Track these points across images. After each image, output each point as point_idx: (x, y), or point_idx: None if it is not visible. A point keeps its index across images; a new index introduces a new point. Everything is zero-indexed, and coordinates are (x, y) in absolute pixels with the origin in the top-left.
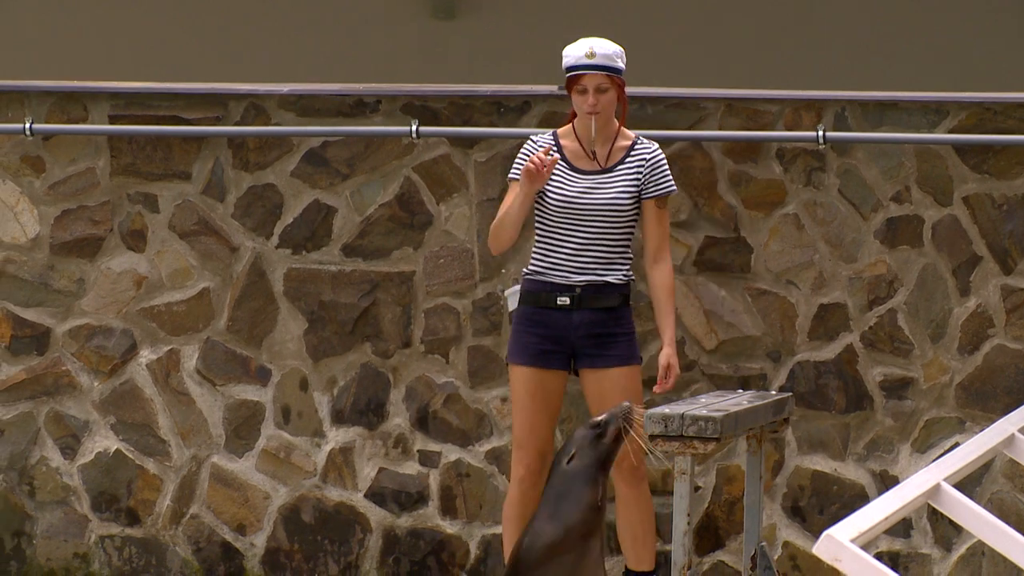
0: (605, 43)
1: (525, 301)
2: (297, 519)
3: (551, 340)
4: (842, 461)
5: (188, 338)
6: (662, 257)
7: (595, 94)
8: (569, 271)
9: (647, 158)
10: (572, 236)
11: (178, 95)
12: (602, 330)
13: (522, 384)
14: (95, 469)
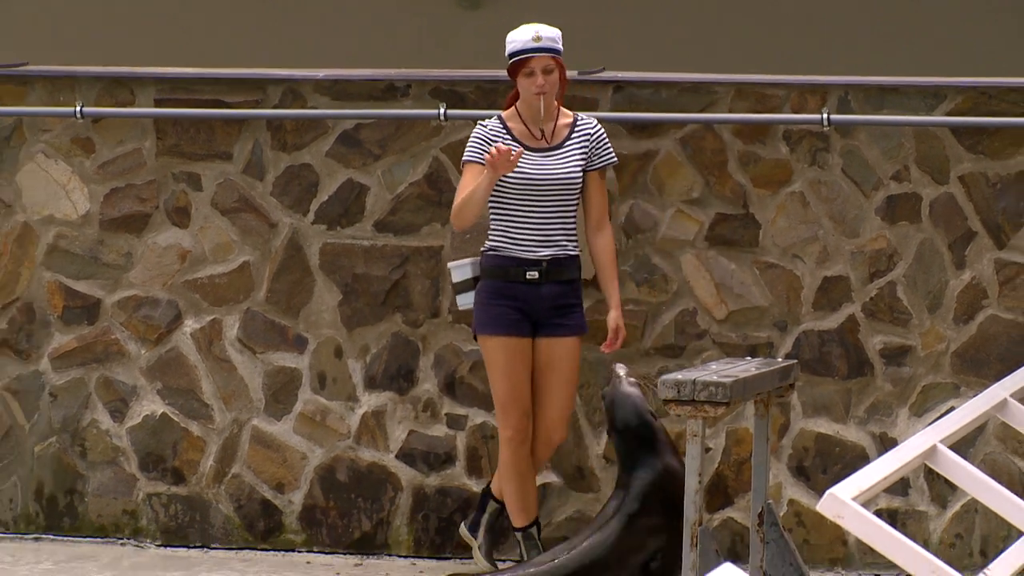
0: (548, 28)
1: (492, 276)
2: (332, 478)
3: (519, 311)
4: (844, 424)
5: (229, 308)
6: (604, 224)
7: (543, 75)
8: (534, 246)
9: (591, 133)
10: (533, 212)
11: (220, 80)
12: (564, 301)
13: (502, 352)
14: (142, 431)
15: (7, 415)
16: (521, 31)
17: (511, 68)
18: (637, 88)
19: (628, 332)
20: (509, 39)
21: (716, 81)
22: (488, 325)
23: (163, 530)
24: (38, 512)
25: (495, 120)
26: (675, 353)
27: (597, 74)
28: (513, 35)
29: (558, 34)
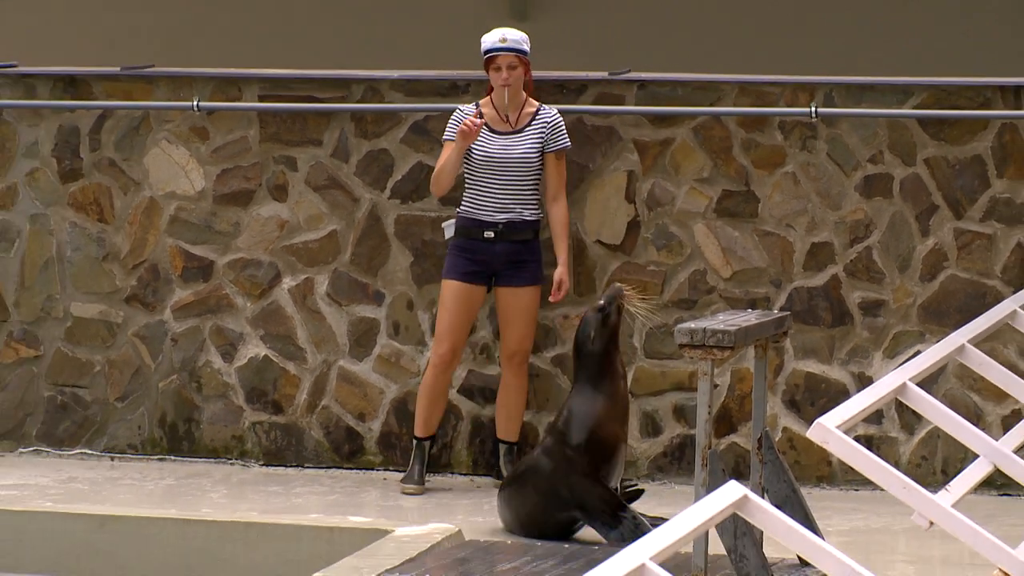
0: (515, 32)
1: (459, 234)
2: (405, 409)
3: (477, 263)
4: (829, 365)
5: (320, 269)
6: (559, 197)
7: (507, 70)
8: (493, 211)
9: (548, 121)
10: (494, 183)
11: (312, 79)
12: (517, 257)
13: (452, 294)
14: (248, 370)
15: (136, 357)
16: (492, 34)
17: (485, 64)
18: (657, 86)
19: (649, 291)
20: (483, 40)
21: (723, 80)
22: (448, 271)
23: (264, 452)
24: (161, 437)
25: (472, 106)
26: (688, 306)
27: (624, 74)
28: (486, 37)
29: (524, 37)
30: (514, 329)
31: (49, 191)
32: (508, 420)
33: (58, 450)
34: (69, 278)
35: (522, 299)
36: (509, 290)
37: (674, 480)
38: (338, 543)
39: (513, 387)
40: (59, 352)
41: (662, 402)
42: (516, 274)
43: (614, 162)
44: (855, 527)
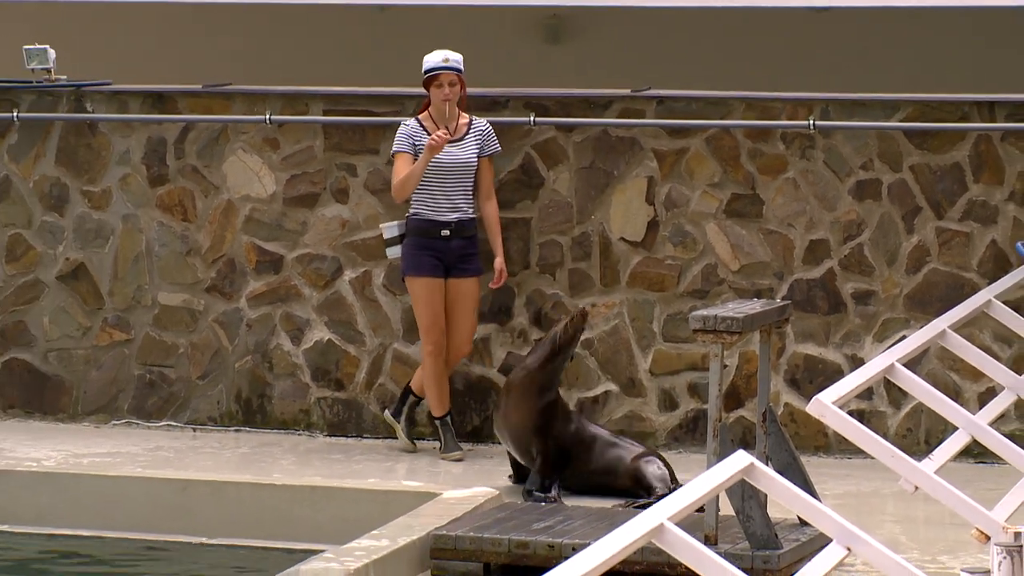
0: (454, 54)
1: (416, 233)
2: (451, 387)
3: (436, 259)
4: (825, 347)
5: (377, 263)
6: (492, 196)
7: (448, 87)
8: (446, 210)
9: (482, 130)
10: (444, 186)
11: (370, 96)
12: (465, 251)
13: (427, 289)
14: (314, 352)
15: (215, 340)
16: (434, 55)
17: (426, 82)
18: (674, 101)
19: (667, 282)
20: (424, 61)
21: (731, 97)
22: (416, 269)
23: (328, 424)
24: (237, 411)
25: (414, 121)
26: (701, 296)
27: (645, 91)
28: (428, 58)
29: (461, 58)
30: (463, 316)
31: (139, 194)
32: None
33: (146, 422)
34: (156, 271)
35: (470, 288)
36: (458, 282)
37: (689, 449)
38: (392, 505)
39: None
40: (148, 336)
41: (678, 380)
42: (465, 266)
43: (636, 169)
44: (848, 491)
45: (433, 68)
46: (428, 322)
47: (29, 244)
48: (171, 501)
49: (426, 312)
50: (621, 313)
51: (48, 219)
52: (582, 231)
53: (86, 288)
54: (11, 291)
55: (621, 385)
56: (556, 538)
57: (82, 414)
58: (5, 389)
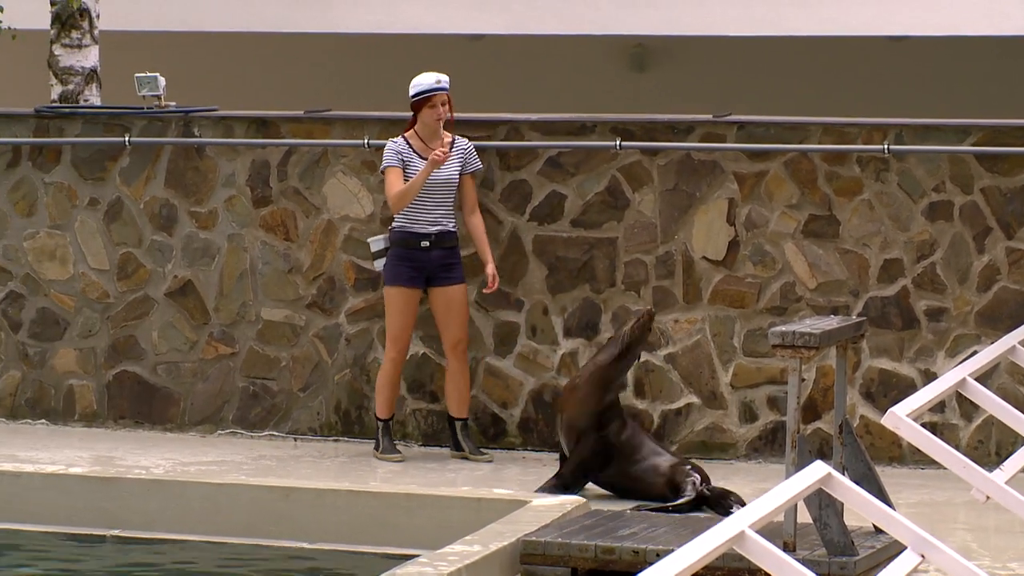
0: (443, 75)
1: (398, 245)
2: (541, 399)
3: (416, 270)
4: (899, 362)
5: (470, 280)
6: (476, 210)
7: (441, 107)
8: (427, 224)
9: (465, 148)
10: (426, 201)
11: (463, 121)
12: (446, 261)
13: (401, 299)
14: (410, 365)
15: (316, 354)
16: (426, 77)
17: (418, 103)
18: (754, 126)
19: (747, 299)
20: (417, 83)
21: (809, 122)
22: (393, 279)
23: (423, 435)
24: (336, 421)
25: (401, 140)
26: (780, 312)
27: (726, 117)
28: (420, 80)
29: (448, 79)
30: (453, 322)
31: (244, 215)
32: (459, 402)
33: (250, 432)
34: (260, 287)
35: (456, 295)
36: (443, 289)
37: (768, 460)
38: (484, 511)
39: (458, 372)
40: (251, 350)
41: (758, 393)
42: (447, 275)
43: (717, 191)
44: (922, 500)
45: (429, 89)
46: (397, 331)
47: (140, 262)
48: (274, 507)
49: (396, 321)
50: (703, 329)
51: (157, 238)
52: (666, 250)
53: (193, 304)
54: (122, 307)
55: (703, 398)
56: (641, 544)
57: (189, 424)
58: (116, 400)
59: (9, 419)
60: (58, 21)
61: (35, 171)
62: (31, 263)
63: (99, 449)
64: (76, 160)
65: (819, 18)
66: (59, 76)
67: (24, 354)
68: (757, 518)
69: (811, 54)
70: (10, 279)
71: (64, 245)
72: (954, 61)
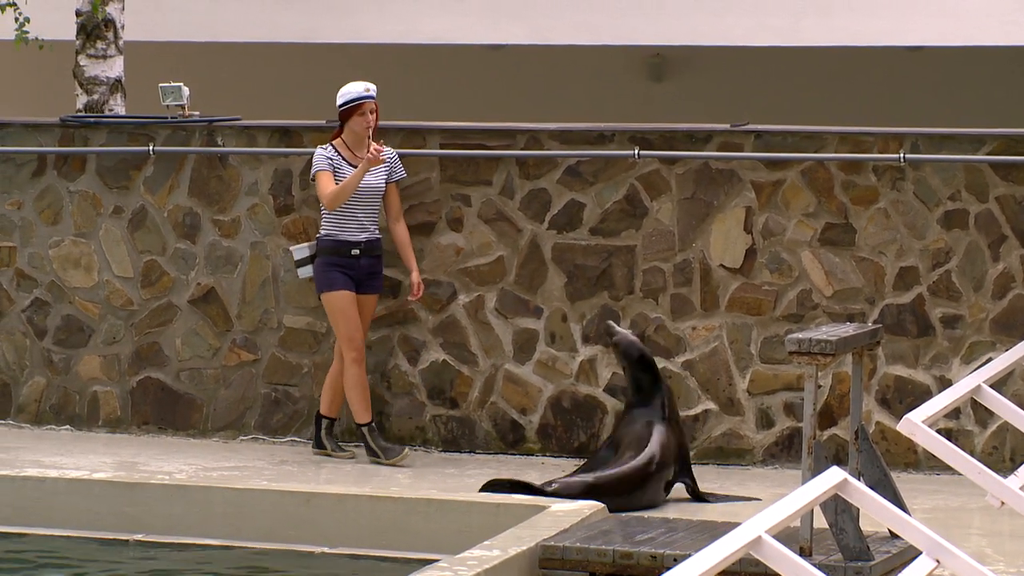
0: (371, 84)
1: (329, 252)
2: (560, 405)
3: (347, 276)
4: (915, 369)
5: (489, 288)
6: (400, 218)
7: (370, 114)
8: (356, 231)
9: (390, 158)
10: (355, 209)
11: (483, 130)
12: (373, 269)
13: (344, 302)
14: (429, 372)
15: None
16: (355, 86)
17: (347, 111)
18: (771, 135)
19: (764, 307)
20: (346, 91)
21: (826, 131)
22: (330, 285)
23: (443, 440)
24: (356, 428)
25: (329, 147)
26: (797, 319)
27: (743, 126)
28: (349, 88)
29: (376, 88)
30: (364, 327)
31: (266, 223)
32: (334, 400)
33: (272, 438)
34: (282, 295)
35: (372, 304)
36: (365, 297)
37: (784, 465)
38: (503, 517)
39: (348, 375)
40: (274, 356)
41: (774, 400)
42: (371, 283)
43: (734, 199)
44: (936, 506)
45: (359, 97)
46: (349, 333)
47: (163, 270)
48: (295, 512)
49: (345, 324)
50: (720, 336)
51: (181, 246)
52: (683, 258)
53: (216, 311)
54: (146, 314)
55: (720, 404)
56: (659, 549)
57: (211, 430)
58: (140, 406)
59: (34, 425)
60: (83, 32)
61: (60, 180)
62: (56, 271)
63: (123, 455)
64: (101, 169)
65: (836, 28)
66: (84, 86)
67: (49, 361)
68: (774, 523)
69: (828, 64)
70: (35, 287)
71: (89, 253)
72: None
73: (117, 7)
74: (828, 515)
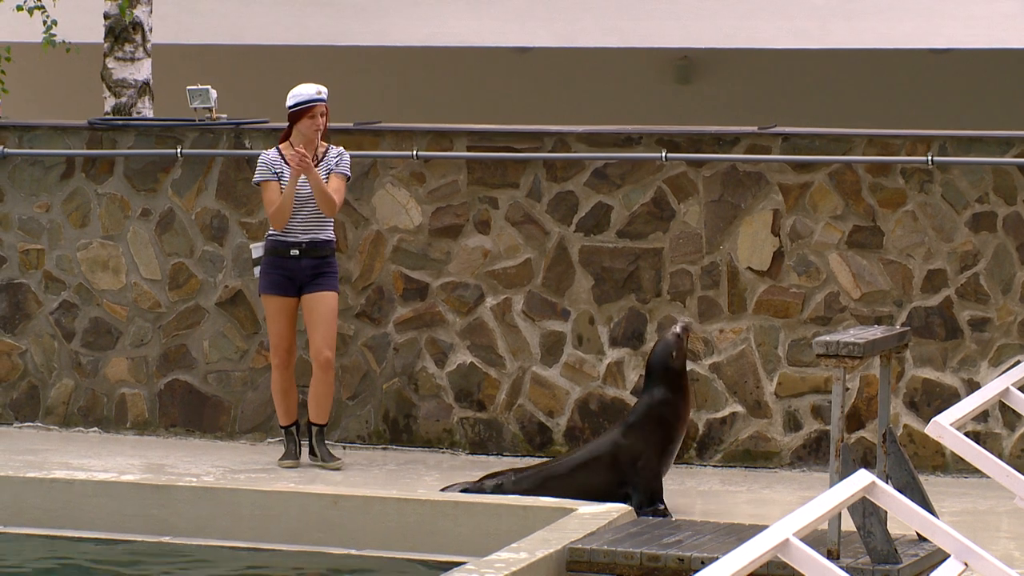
0: (323, 87)
1: (270, 253)
2: (587, 408)
3: (287, 278)
4: (943, 372)
5: (517, 290)
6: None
7: (320, 117)
8: (297, 232)
9: (336, 155)
10: (298, 210)
11: (510, 133)
12: (318, 270)
13: (272, 307)
14: (457, 374)
15: (364, 363)
16: (306, 88)
17: (296, 113)
18: (799, 138)
19: (791, 309)
20: (297, 93)
21: (853, 134)
22: (265, 288)
23: (470, 442)
24: (384, 430)
25: (274, 151)
26: (824, 322)
27: (771, 129)
28: (299, 90)
29: (327, 91)
30: (319, 329)
31: None
32: (318, 407)
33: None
34: None
35: (322, 303)
36: (311, 296)
37: (812, 468)
38: (531, 519)
39: (320, 380)
40: (301, 359)
41: (802, 403)
42: (318, 282)
43: (762, 202)
44: (965, 509)
45: (309, 100)
46: (274, 339)
47: (191, 272)
48: (323, 514)
49: (271, 329)
50: (748, 338)
51: (209, 249)
52: (711, 261)
53: (243, 314)
54: (173, 316)
55: (748, 407)
56: (686, 552)
57: (239, 432)
58: (167, 409)
59: (62, 427)
60: (111, 34)
61: (88, 182)
62: (84, 273)
63: (151, 457)
64: (129, 172)
65: (863, 31)
66: (112, 89)
67: (77, 363)
68: (802, 526)
69: (855, 66)
70: (63, 289)
71: (117, 255)
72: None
73: (145, 10)
74: (856, 518)
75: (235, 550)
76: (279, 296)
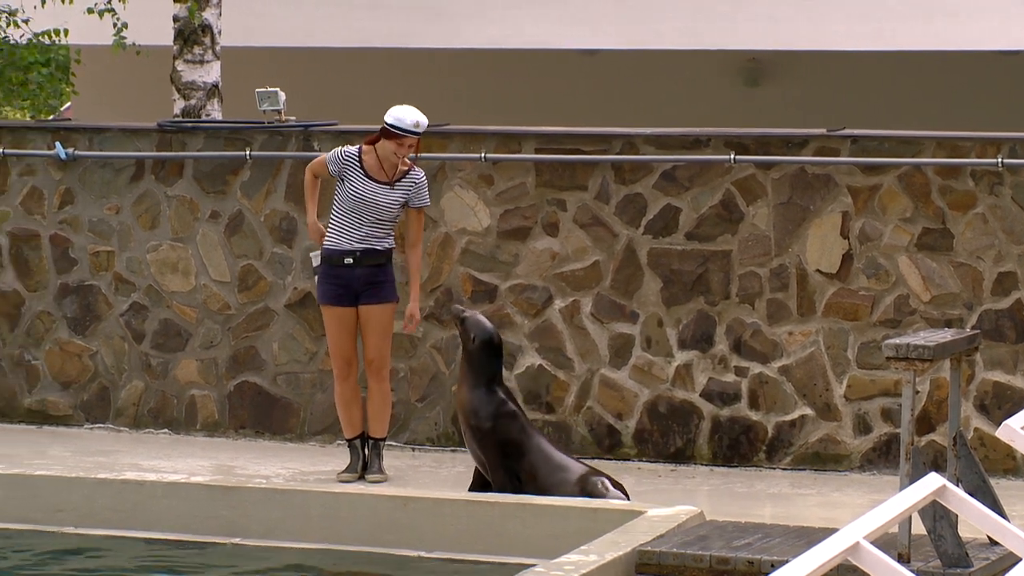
0: (424, 118)
1: (325, 261)
2: (656, 410)
3: (341, 287)
4: (1013, 375)
5: (585, 292)
6: (417, 245)
7: (407, 148)
8: (353, 241)
9: (417, 181)
10: (355, 219)
11: (579, 135)
12: (374, 279)
13: (329, 317)
14: (526, 377)
15: (433, 365)
16: (409, 114)
17: (388, 132)
18: (868, 140)
19: (861, 312)
20: (398, 117)
21: (923, 136)
22: (322, 297)
23: None
24: (453, 432)
25: (355, 148)
26: (894, 325)
27: (840, 131)
28: (401, 114)
29: (427, 122)
30: (370, 340)
31: None
32: (373, 420)
33: None
34: None
35: (377, 314)
36: (367, 307)
37: (882, 471)
38: (600, 521)
39: (375, 391)
40: None
41: (872, 405)
42: (373, 292)
43: (831, 204)
44: None
45: (402, 130)
46: (332, 349)
47: (260, 274)
48: (392, 516)
49: (329, 339)
50: (817, 341)
51: (278, 251)
52: (780, 263)
53: (312, 316)
54: (243, 318)
55: (817, 410)
56: (756, 555)
57: (308, 434)
58: (237, 411)
59: (132, 428)
60: (181, 37)
61: (158, 184)
62: (154, 275)
63: (220, 458)
64: (198, 174)
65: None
66: (181, 91)
67: (147, 365)
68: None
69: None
70: (133, 291)
71: (186, 257)
72: None
73: (214, 12)
74: (926, 521)
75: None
76: (335, 306)
